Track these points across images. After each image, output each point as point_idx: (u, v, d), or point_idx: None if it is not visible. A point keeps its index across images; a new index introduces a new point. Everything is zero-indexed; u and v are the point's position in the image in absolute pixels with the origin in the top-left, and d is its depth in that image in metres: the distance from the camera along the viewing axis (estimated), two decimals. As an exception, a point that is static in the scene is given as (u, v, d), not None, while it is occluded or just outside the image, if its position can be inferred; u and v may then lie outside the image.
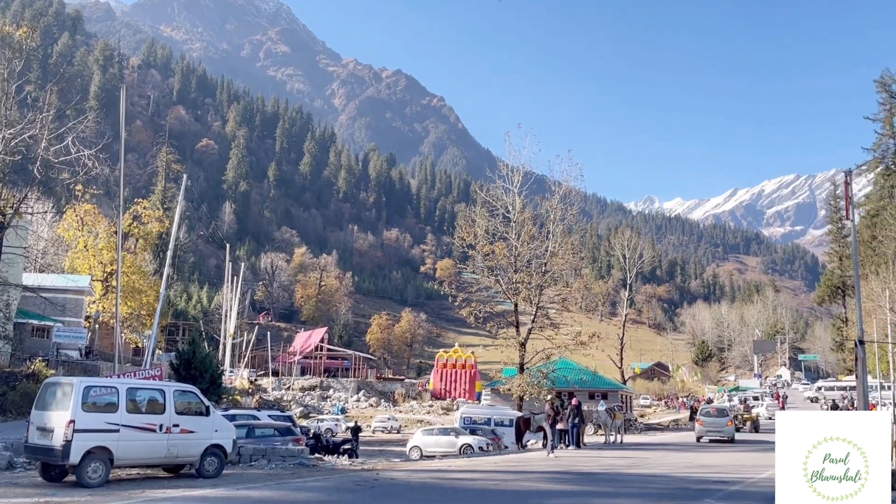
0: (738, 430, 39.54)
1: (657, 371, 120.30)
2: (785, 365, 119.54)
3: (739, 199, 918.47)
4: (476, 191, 44.99)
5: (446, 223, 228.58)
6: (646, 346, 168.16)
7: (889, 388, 48.87)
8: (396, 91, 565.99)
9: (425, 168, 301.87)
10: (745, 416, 44.04)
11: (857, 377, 17.91)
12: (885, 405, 44.05)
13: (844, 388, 72.18)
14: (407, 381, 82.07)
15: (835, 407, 42.67)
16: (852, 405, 27.95)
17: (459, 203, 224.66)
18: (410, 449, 30.86)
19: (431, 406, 64.63)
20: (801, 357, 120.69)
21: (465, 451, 29.05)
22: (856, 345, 16.90)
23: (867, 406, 16.85)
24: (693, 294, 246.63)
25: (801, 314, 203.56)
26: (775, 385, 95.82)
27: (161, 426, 15.19)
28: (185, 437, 15.54)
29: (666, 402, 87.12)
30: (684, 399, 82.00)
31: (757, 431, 42.38)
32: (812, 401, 73.64)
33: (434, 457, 28.21)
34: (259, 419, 26.34)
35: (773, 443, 23.50)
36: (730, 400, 62.61)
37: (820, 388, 77.89)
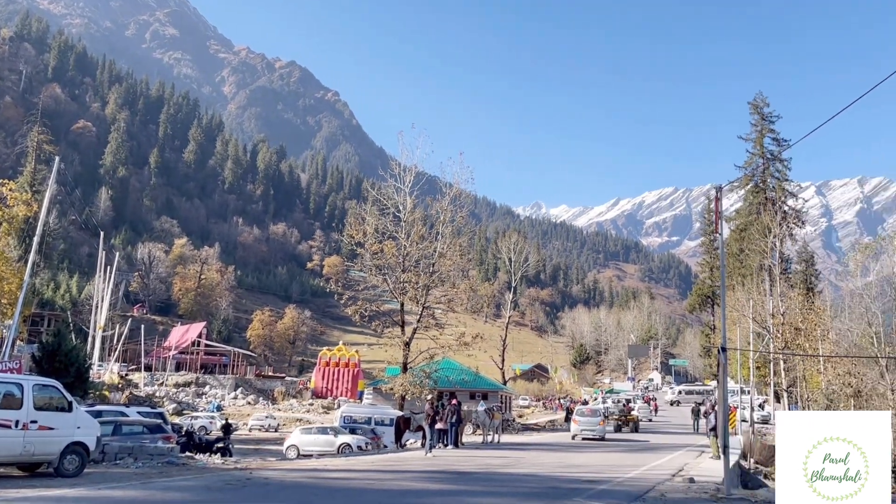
0: (619, 429, 44.03)
1: (537, 372, 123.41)
2: (657, 369, 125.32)
3: (621, 209, 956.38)
4: (367, 188, 44.82)
5: (336, 220, 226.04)
6: (527, 347, 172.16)
7: (748, 392, 52.08)
8: (290, 82, 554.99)
9: (317, 163, 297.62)
10: (627, 417, 47.08)
11: (718, 382, 18.94)
12: (744, 408, 46.92)
13: (701, 392, 76.84)
14: (288, 379, 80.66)
15: (697, 412, 45.09)
16: (713, 408, 29.56)
17: (350, 200, 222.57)
18: (287, 448, 30.36)
19: (312, 405, 63.81)
20: (671, 362, 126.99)
21: (344, 450, 28.85)
22: (719, 351, 17.84)
23: (727, 409, 17.84)
24: (574, 298, 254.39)
25: (673, 321, 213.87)
26: (647, 388, 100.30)
27: (17, 422, 14.33)
28: (43, 434, 14.72)
29: (544, 403, 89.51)
30: (561, 400, 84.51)
31: (637, 431, 45.20)
32: (673, 403, 77.62)
33: (311, 456, 27.85)
34: (127, 416, 25.25)
35: (647, 442, 24.64)
36: (604, 402, 64.93)
37: (681, 392, 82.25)
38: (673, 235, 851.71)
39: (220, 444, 27.53)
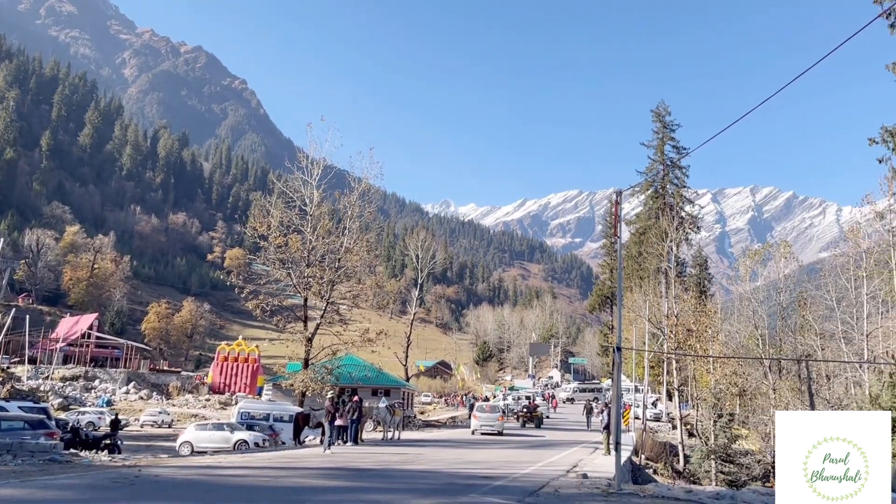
0: (524, 424, 47.66)
1: (440, 369, 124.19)
2: (556, 367, 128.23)
3: (528, 210, 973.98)
4: (273, 180, 43.85)
5: (240, 211, 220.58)
6: (432, 344, 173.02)
7: (642, 390, 53.96)
8: (195, 68, 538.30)
9: (221, 152, 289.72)
10: (532, 413, 49.39)
11: (612, 380, 19.55)
12: (637, 406, 48.67)
13: (593, 390, 79.41)
14: (184, 373, 78.31)
15: (590, 410, 46.49)
16: (606, 406, 30.48)
17: (255, 191, 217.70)
18: (181, 444, 29.48)
19: (208, 400, 62.19)
20: (571, 360, 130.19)
21: (240, 446, 28.24)
22: (614, 350, 18.39)
23: (620, 407, 18.41)
24: (480, 296, 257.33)
25: (574, 320, 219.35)
26: (546, 386, 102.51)
27: None
28: None
29: (446, 400, 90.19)
30: (464, 397, 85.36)
31: (541, 426, 47.82)
32: (566, 401, 79.60)
33: (206, 453, 27.12)
34: (7, 411, 23.92)
35: (544, 438, 25.06)
36: (504, 399, 66.00)
37: (575, 390, 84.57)
38: (576, 237, 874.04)
39: (109, 441, 26.48)
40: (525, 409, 50.64)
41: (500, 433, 38.26)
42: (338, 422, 27.42)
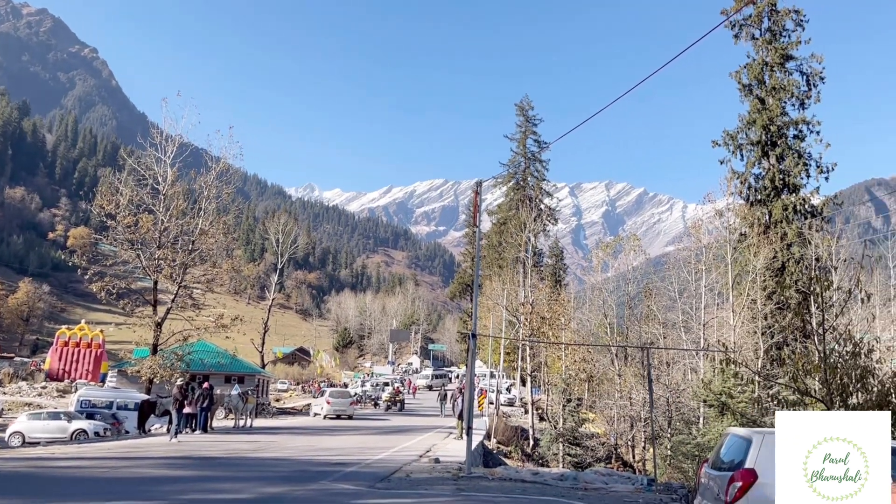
0: (388, 409, 52.27)
1: (299, 356, 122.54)
2: (416, 353, 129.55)
3: (394, 197, 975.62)
4: (125, 156, 41.57)
5: (86, 188, 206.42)
6: (291, 331, 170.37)
7: (497, 376, 55.60)
8: (39, 32, 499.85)
9: (67, 124, 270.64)
10: (396, 398, 53.57)
11: (467, 366, 20.01)
12: (493, 391, 50.05)
13: (446, 375, 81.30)
14: (18, 359, 73.08)
15: (443, 396, 47.57)
16: (461, 391, 31.19)
17: (104, 167, 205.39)
18: (10, 435, 27.55)
19: (45, 388, 58.30)
20: (431, 347, 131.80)
21: (79, 436, 26.73)
22: (469, 337, 18.81)
23: (473, 392, 18.88)
24: (342, 282, 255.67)
25: (435, 307, 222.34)
26: (406, 372, 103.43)
27: None
28: None
29: (303, 387, 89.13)
30: (322, 384, 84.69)
31: (403, 410, 51.99)
32: (426, 388, 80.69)
33: (39, 443, 25.48)
34: None
35: (400, 424, 25.18)
36: (362, 385, 66.06)
37: (434, 377, 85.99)
38: (440, 225, 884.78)
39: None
40: (390, 395, 53.87)
41: (350, 417, 41.39)
42: (186, 409, 26.50)
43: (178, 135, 36.59)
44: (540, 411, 48.59)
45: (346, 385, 76.72)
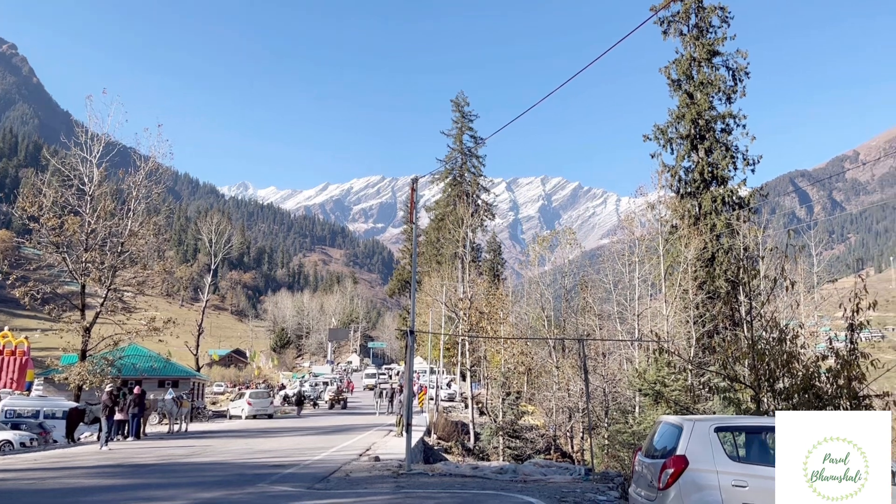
0: (332, 406, 53.97)
1: (235, 358, 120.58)
2: (356, 352, 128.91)
3: (330, 194, 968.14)
4: (48, 156, 40.16)
5: (8, 189, 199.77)
6: (227, 332, 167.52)
7: (437, 371, 55.72)
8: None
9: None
10: (339, 396, 55.34)
11: (405, 363, 20.00)
12: (433, 387, 50.10)
13: (379, 374, 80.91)
14: (-63, 370, 69.72)
15: (380, 393, 47.69)
16: (401, 389, 31.14)
17: (27, 168, 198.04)
18: (-70, 450, 26.30)
19: (-33, 399, 55.97)
20: (370, 344, 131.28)
21: (3, 448, 25.72)
22: (407, 333, 18.79)
23: (411, 389, 18.86)
24: (279, 282, 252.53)
25: (374, 305, 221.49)
26: (345, 370, 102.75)
27: None
28: None
29: (240, 389, 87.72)
30: (259, 385, 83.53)
31: (346, 408, 53.26)
32: (369, 388, 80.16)
33: (-40, 458, 24.42)
34: None
35: (340, 422, 24.97)
36: (301, 385, 65.37)
37: (372, 375, 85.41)
38: (378, 222, 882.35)
39: None
40: (334, 394, 55.09)
41: (269, 416, 43.94)
42: (117, 416, 25.79)
43: (105, 133, 35.49)
44: (480, 406, 48.94)
45: (283, 385, 75.79)
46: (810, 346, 26.57)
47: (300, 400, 49.92)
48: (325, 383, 65.76)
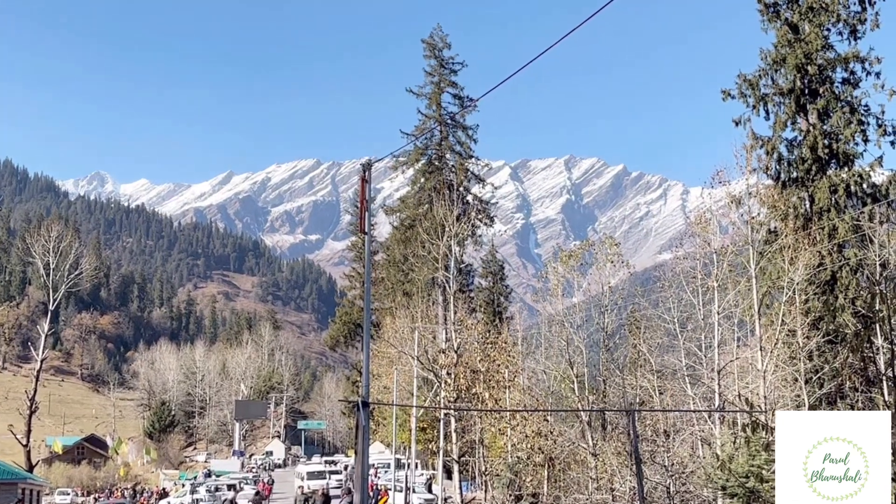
0: None
1: (90, 449, 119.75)
2: (279, 436, 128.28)
3: (236, 189, 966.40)
4: None
5: None
6: (76, 409, 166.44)
7: (408, 465, 55.35)
8: None
9: None
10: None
11: (356, 451, 19.96)
12: (401, 489, 49.94)
13: (336, 472, 79.62)
14: None
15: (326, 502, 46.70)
16: (349, 492, 31.05)
17: None
18: None
19: None
20: (301, 425, 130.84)
21: None
22: (357, 407, 18.79)
23: (366, 489, 18.82)
24: (156, 329, 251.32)
25: (307, 362, 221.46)
26: (264, 466, 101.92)
27: None
28: None
29: (96, 498, 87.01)
30: (126, 492, 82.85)
31: None
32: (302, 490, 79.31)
33: None
34: None
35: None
36: (193, 492, 64.82)
37: (312, 474, 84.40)
38: (312, 232, 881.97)
39: None
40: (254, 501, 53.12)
41: None
42: None
43: None
44: (476, 517, 48.91)
45: (164, 492, 75.23)
46: None
47: None
48: (232, 487, 65.25)
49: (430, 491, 62.08)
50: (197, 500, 57.76)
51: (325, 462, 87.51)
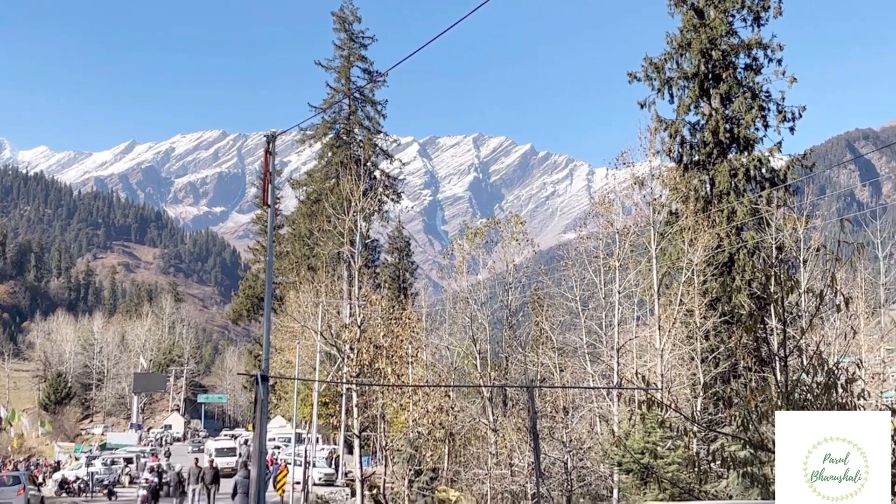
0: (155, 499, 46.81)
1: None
2: (179, 409, 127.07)
3: (139, 158, 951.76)
4: None
5: None
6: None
7: (307, 439, 55.21)
8: None
9: None
10: (160, 485, 49.53)
11: (255, 425, 19.87)
12: (301, 464, 49.75)
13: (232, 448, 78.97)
14: None
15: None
16: (245, 465, 30.84)
17: None
18: None
19: None
20: (202, 398, 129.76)
21: None
22: (257, 381, 18.68)
23: (263, 467, 18.71)
24: (53, 299, 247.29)
25: (209, 335, 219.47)
26: (162, 440, 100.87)
27: None
28: None
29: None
30: (19, 465, 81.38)
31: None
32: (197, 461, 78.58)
33: None
34: None
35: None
36: (89, 464, 63.90)
37: (221, 451, 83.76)
38: (216, 204, 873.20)
39: None
40: (150, 483, 49.98)
41: None
42: None
43: None
44: (376, 491, 48.97)
45: (58, 464, 74.13)
46: (873, 394, 27.49)
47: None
48: (128, 460, 64.36)
49: (330, 465, 62.17)
50: (92, 472, 56.86)
51: (235, 438, 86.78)
